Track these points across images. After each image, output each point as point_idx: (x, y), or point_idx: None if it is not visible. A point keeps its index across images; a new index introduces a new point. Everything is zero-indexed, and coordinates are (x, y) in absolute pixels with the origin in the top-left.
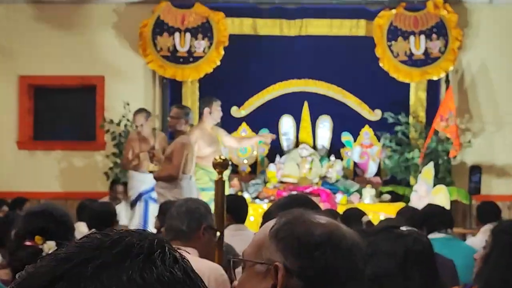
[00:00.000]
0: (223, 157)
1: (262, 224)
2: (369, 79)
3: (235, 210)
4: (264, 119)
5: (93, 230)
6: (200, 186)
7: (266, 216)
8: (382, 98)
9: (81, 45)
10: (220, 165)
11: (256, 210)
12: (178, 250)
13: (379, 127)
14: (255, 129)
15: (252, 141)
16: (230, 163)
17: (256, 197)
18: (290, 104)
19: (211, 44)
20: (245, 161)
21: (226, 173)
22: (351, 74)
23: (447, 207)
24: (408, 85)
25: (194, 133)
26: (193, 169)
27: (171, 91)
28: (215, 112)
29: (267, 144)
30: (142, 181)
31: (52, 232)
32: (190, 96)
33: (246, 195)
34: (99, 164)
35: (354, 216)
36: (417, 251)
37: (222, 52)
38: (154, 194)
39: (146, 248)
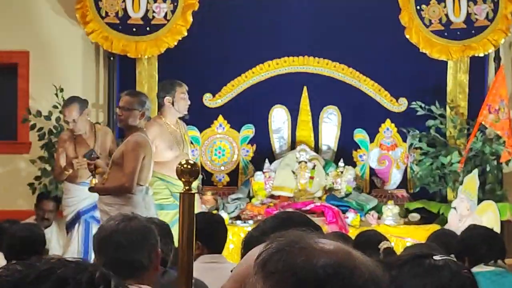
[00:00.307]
0: (191, 162)
1: (244, 253)
2: (392, 57)
3: (208, 235)
4: (248, 111)
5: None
6: (158, 202)
7: (247, 244)
8: (409, 83)
9: None
10: (187, 173)
11: (237, 235)
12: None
13: (405, 121)
14: (236, 125)
15: None
16: (201, 170)
17: (238, 217)
18: (283, 91)
19: (175, 8)
20: (222, 168)
21: (196, 184)
22: (367, 50)
23: (497, 230)
24: (444, 64)
25: (151, 129)
26: (150, 178)
27: (121, 72)
28: (179, 101)
29: None
30: (81, 196)
31: None
32: (147, 80)
33: (224, 215)
34: (21, 173)
35: (371, 242)
36: None
37: (191, 19)
38: (97, 213)
39: (85, 284)
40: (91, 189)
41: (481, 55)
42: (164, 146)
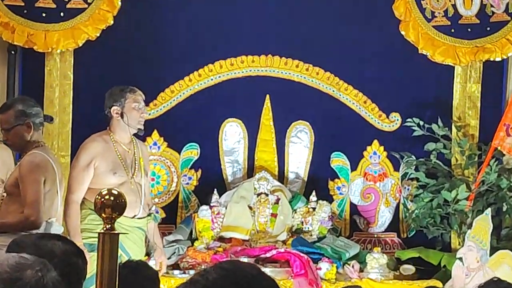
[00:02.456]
0: (114, 193)
1: None
2: (382, 59)
3: None
4: (192, 125)
5: None
6: (88, 241)
7: None
8: (404, 94)
9: None
10: (108, 207)
11: None
12: None
13: (398, 144)
14: (175, 144)
15: None
16: (151, 204)
17: (176, 266)
18: (239, 100)
19: None
20: (156, 200)
21: (144, 222)
22: (350, 50)
23: None
24: (450, 70)
25: (91, 146)
26: (59, 209)
27: (25, 71)
28: (130, 112)
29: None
30: None
31: None
32: (59, 81)
33: (156, 263)
34: None
35: None
36: None
37: (119, 4)
38: None
39: None
40: None
41: (498, 59)
42: (104, 168)
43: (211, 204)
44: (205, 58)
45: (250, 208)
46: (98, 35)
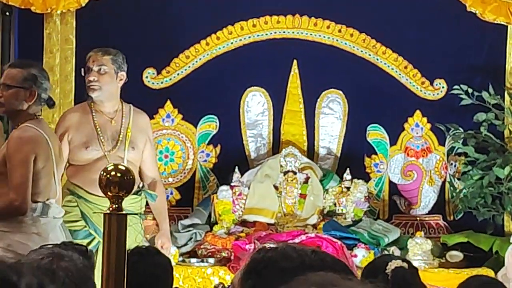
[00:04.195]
0: (122, 168)
1: None
2: (424, 19)
3: (146, 280)
4: (210, 95)
5: None
6: (72, 227)
7: None
8: (450, 58)
9: None
10: (115, 185)
11: (191, 280)
12: None
13: (444, 114)
14: (191, 116)
15: None
16: (139, 182)
17: (193, 254)
18: (263, 67)
19: None
20: (170, 180)
21: (131, 202)
22: (388, 9)
23: None
24: (502, 31)
25: (67, 117)
26: (59, 191)
27: (21, 34)
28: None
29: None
30: None
31: None
32: (59, 46)
33: (171, 250)
34: None
35: (376, 268)
36: None
37: None
38: None
39: None
40: None
41: None
42: (77, 142)
43: (232, 184)
44: (224, 19)
45: (276, 188)
46: None
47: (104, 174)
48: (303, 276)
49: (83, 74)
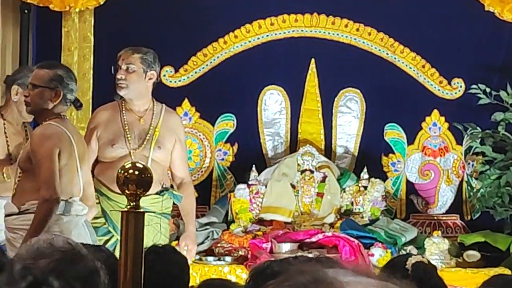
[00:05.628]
0: (139, 166)
1: None
2: (443, 18)
3: (163, 279)
4: (227, 94)
5: None
6: (93, 224)
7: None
8: (468, 57)
9: None
10: (132, 183)
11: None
12: None
13: (461, 114)
14: (209, 114)
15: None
16: (163, 181)
17: (210, 252)
18: (280, 65)
19: None
20: None
21: (152, 201)
22: (408, 7)
23: None
24: None
25: (97, 115)
26: (81, 189)
27: (39, 32)
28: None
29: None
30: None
31: None
32: (78, 44)
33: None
34: None
35: (397, 263)
36: None
37: None
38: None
39: None
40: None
41: None
42: (105, 139)
43: (249, 183)
44: (242, 17)
45: (293, 186)
46: None
47: (122, 172)
48: (294, 267)
49: (113, 72)
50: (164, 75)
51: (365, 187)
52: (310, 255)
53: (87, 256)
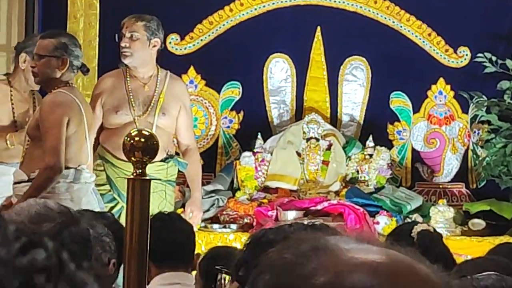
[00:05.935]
0: (145, 133)
1: None
2: None
3: (168, 247)
4: (233, 61)
5: None
6: (98, 191)
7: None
8: (474, 24)
9: None
10: (138, 150)
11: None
12: None
13: (467, 82)
14: (214, 82)
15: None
16: (168, 149)
17: (215, 220)
18: (286, 33)
19: None
20: None
21: (157, 168)
22: None
23: None
24: None
25: (102, 82)
26: (90, 157)
27: (45, 3)
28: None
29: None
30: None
31: None
32: (83, 11)
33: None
34: None
35: (402, 231)
36: None
37: None
38: None
39: None
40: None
41: None
42: (109, 106)
43: (255, 150)
44: None
45: (299, 154)
46: None
47: (128, 139)
48: (294, 235)
49: (116, 40)
50: (170, 43)
51: (371, 155)
52: (305, 222)
53: (82, 220)
